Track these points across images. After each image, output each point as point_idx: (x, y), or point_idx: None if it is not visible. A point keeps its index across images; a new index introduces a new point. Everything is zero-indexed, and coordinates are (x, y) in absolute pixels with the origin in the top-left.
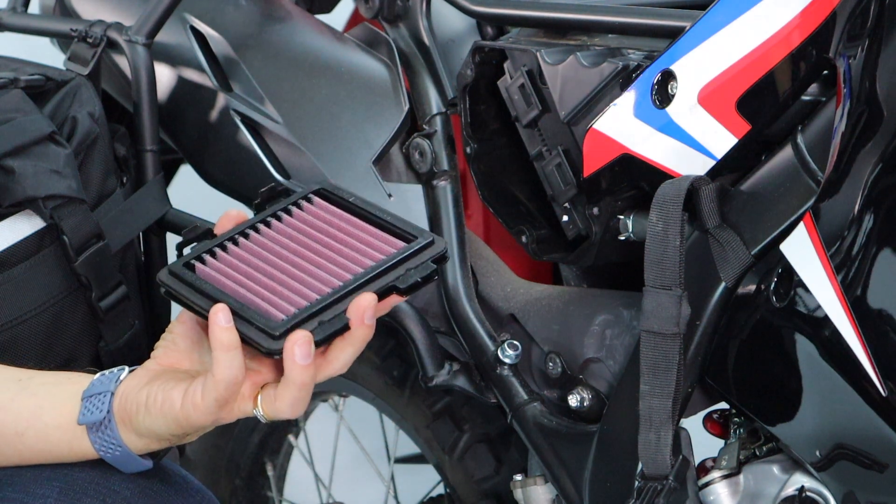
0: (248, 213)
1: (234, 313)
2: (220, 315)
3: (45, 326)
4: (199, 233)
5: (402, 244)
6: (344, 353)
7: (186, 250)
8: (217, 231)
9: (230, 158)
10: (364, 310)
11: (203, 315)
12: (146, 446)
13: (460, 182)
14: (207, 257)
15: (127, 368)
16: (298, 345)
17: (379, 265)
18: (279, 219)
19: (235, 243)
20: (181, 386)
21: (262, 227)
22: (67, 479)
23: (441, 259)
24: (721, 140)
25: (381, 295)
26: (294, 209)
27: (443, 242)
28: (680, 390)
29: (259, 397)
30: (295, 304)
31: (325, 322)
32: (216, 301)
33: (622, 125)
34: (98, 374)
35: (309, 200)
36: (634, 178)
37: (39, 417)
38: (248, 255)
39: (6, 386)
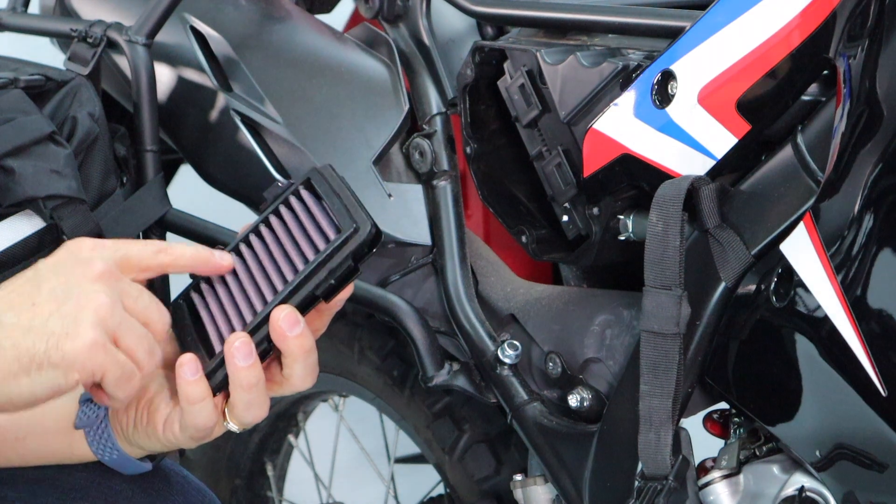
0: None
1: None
2: (185, 368)
3: None
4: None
5: (331, 235)
6: (294, 369)
7: None
8: None
9: (230, 158)
10: (280, 327)
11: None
12: (140, 452)
13: (460, 182)
14: (203, 284)
15: None
16: (235, 347)
17: (303, 272)
18: (268, 224)
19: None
20: (162, 411)
21: (252, 237)
22: (69, 479)
23: (365, 250)
24: (721, 140)
25: (305, 307)
26: (283, 208)
27: (367, 226)
28: (680, 390)
29: (226, 410)
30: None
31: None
32: (181, 333)
33: (622, 125)
34: None
35: (298, 195)
36: (634, 178)
37: (39, 422)
38: (229, 275)
39: None
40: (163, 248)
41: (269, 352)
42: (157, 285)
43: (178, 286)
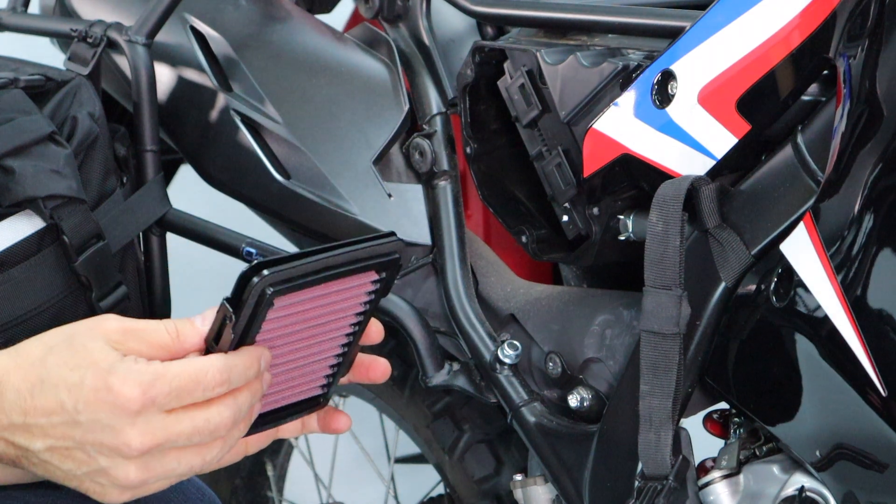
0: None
1: (288, 415)
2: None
3: (44, 327)
4: None
5: (375, 277)
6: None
7: None
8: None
9: (230, 158)
10: (384, 373)
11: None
12: None
13: (460, 182)
14: None
15: None
16: None
17: (369, 306)
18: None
19: None
20: (240, 446)
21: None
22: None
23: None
24: (721, 140)
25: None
26: (265, 326)
27: (399, 245)
28: (680, 390)
29: None
30: (319, 376)
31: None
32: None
33: (622, 125)
34: None
35: (272, 305)
36: (634, 178)
37: None
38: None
39: None
40: (224, 381)
41: None
42: (158, 288)
43: (178, 288)
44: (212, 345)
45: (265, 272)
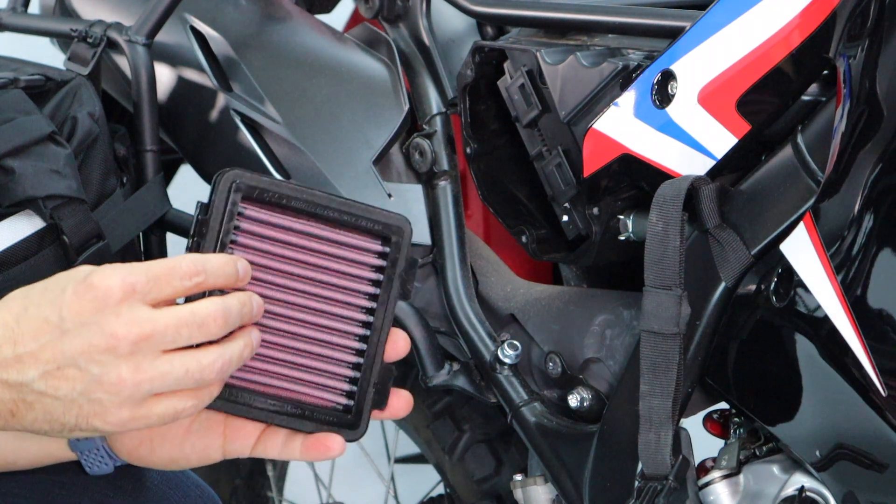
0: None
1: (289, 415)
2: (335, 452)
3: None
4: None
5: (377, 248)
6: None
7: None
8: None
9: (230, 159)
10: (403, 351)
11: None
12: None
13: (460, 182)
14: None
15: None
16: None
17: (383, 292)
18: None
19: None
20: (214, 444)
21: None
22: (69, 475)
23: (410, 241)
24: (721, 140)
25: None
26: (238, 236)
27: (406, 223)
28: (680, 390)
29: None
30: (338, 376)
31: (378, 383)
32: (268, 411)
33: (622, 125)
34: None
35: (241, 214)
36: (634, 178)
37: (25, 454)
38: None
39: None
40: (199, 271)
41: None
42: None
43: None
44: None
45: (234, 170)
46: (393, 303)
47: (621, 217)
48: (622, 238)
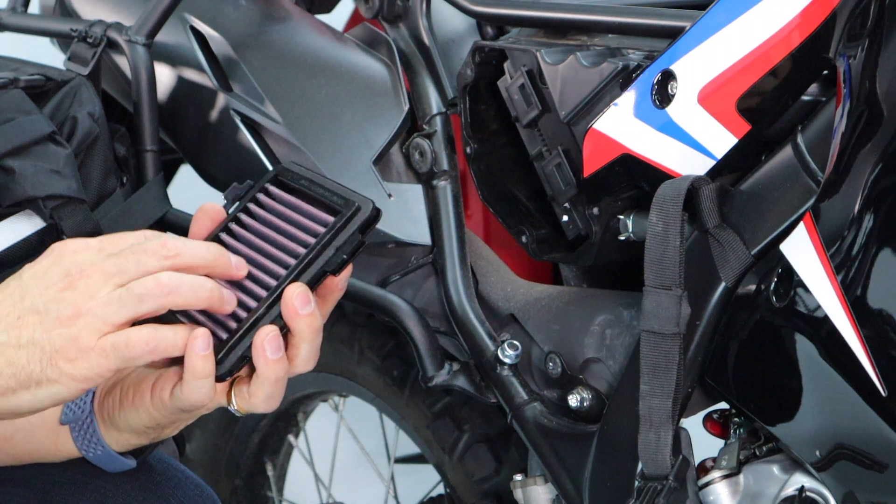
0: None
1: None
2: (199, 341)
3: None
4: None
5: (328, 219)
6: (301, 349)
7: None
8: (193, 228)
9: (230, 158)
10: (292, 305)
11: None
12: (126, 441)
13: (460, 182)
14: None
15: None
16: (267, 341)
17: (308, 252)
18: (240, 221)
19: None
20: (149, 379)
21: (223, 236)
22: (68, 474)
23: (369, 225)
24: (721, 140)
25: (314, 283)
26: (252, 207)
27: (369, 204)
28: (680, 390)
29: (232, 392)
30: (235, 317)
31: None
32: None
33: (622, 125)
34: None
35: (266, 192)
36: (634, 178)
37: (25, 420)
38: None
39: None
40: (171, 255)
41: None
42: None
43: None
44: None
45: (291, 161)
46: (315, 266)
47: (621, 217)
48: (622, 238)
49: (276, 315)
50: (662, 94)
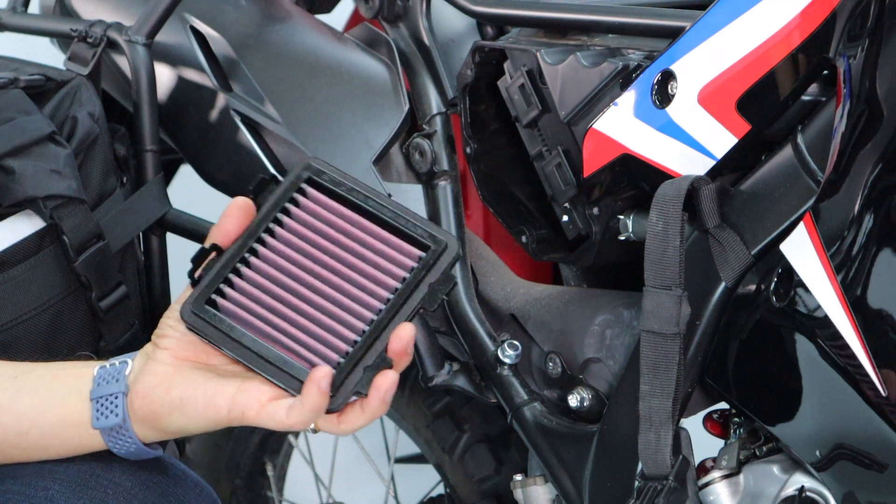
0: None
1: (274, 365)
2: (325, 381)
3: (44, 326)
4: (203, 252)
5: (416, 253)
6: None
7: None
8: (222, 228)
9: (230, 158)
10: (406, 344)
11: (251, 369)
12: (153, 437)
13: (460, 182)
14: (226, 289)
15: (129, 361)
16: (389, 385)
17: (405, 288)
18: (281, 223)
19: (247, 263)
20: (225, 391)
21: (267, 238)
22: (69, 472)
23: (455, 263)
24: (721, 140)
25: (412, 320)
26: (293, 209)
27: (455, 244)
28: (680, 390)
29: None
30: (334, 348)
31: (370, 366)
32: (256, 354)
33: (622, 125)
34: (97, 367)
35: (303, 192)
36: (634, 178)
37: (43, 415)
38: (265, 281)
39: (2, 385)
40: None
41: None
42: (158, 288)
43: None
44: None
45: (314, 157)
46: (413, 304)
47: (621, 217)
48: (622, 238)
49: (381, 351)
50: (662, 94)
